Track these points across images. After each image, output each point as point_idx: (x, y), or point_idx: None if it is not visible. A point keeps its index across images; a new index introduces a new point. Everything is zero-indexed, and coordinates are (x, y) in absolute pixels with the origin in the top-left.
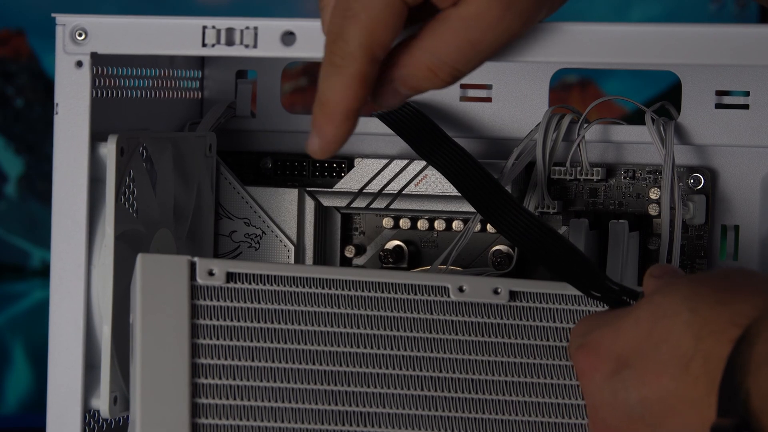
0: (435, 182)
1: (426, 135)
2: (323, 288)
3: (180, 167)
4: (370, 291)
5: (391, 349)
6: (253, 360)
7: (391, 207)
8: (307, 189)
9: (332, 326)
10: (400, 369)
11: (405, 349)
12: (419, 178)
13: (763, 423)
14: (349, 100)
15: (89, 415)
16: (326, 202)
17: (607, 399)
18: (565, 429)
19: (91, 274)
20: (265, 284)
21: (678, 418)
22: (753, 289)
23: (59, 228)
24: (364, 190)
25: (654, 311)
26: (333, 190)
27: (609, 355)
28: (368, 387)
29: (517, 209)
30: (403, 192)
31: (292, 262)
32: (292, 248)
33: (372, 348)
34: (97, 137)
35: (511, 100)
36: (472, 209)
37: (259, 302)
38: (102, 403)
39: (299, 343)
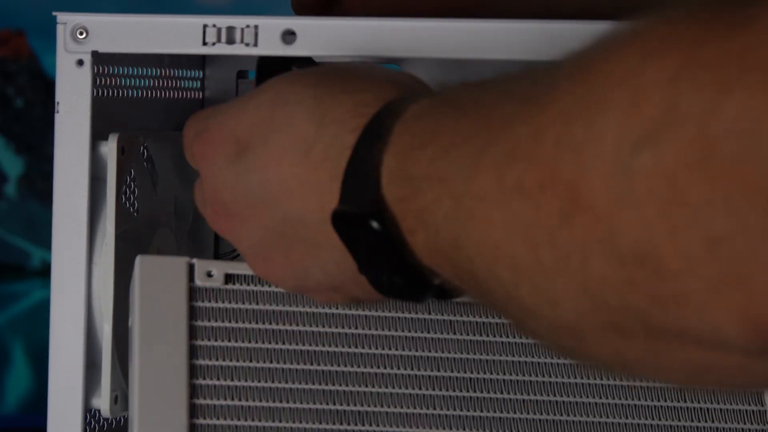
0: None
1: None
2: None
3: (181, 167)
4: None
5: (390, 348)
6: (251, 361)
7: None
8: None
9: (330, 327)
10: (399, 368)
11: (404, 349)
12: None
13: (393, 210)
14: None
15: (90, 414)
16: None
17: (230, 181)
18: (566, 427)
19: (91, 273)
20: (263, 285)
21: (297, 201)
22: (376, 79)
23: (60, 227)
24: None
25: (276, 97)
26: None
27: (230, 138)
28: (367, 386)
29: None
30: None
31: None
32: None
33: (371, 348)
34: (98, 136)
35: None
36: None
37: (258, 303)
38: (103, 402)
39: (298, 344)
